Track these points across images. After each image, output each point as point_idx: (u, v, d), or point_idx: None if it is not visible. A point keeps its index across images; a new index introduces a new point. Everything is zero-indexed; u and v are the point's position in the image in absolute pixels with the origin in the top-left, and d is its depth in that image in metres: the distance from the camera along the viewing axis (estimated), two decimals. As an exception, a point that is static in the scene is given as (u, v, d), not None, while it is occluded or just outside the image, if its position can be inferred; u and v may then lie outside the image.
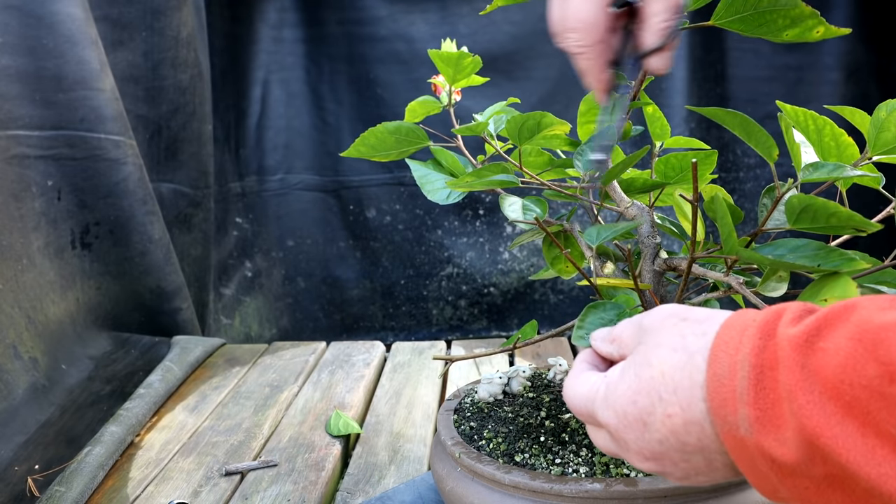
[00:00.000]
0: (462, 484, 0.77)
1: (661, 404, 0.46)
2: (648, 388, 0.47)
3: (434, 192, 0.82)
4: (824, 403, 0.38)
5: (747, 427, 0.41)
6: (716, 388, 0.43)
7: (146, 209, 1.75)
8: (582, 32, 0.63)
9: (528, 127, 0.79)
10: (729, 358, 0.43)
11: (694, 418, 0.45)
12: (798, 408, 0.39)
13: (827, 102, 0.80)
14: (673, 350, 0.47)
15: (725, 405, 0.42)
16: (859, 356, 0.37)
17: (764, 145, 0.61)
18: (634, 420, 0.48)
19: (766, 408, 0.41)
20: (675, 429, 0.46)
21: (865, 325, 0.38)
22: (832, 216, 0.59)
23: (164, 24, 1.83)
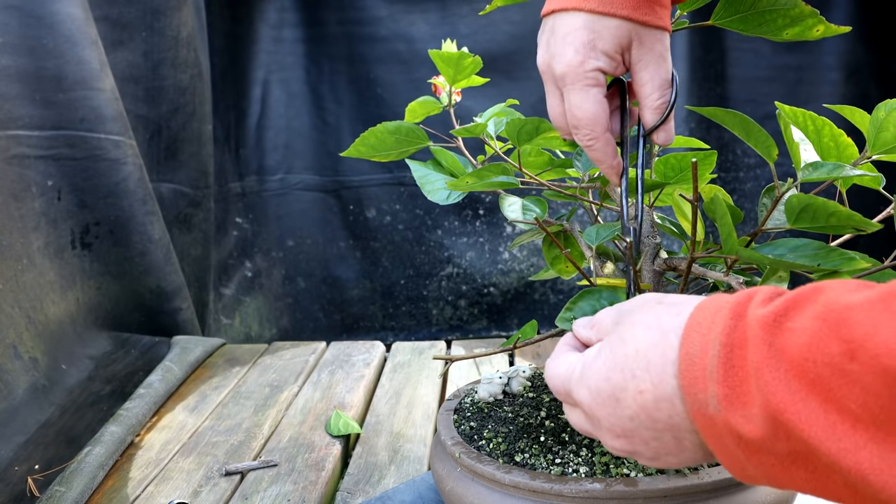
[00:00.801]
0: (462, 484, 0.77)
1: (634, 381, 0.47)
2: (622, 364, 0.48)
3: (434, 192, 0.82)
4: (789, 381, 0.39)
5: (716, 404, 0.42)
6: (687, 366, 0.44)
7: (146, 209, 1.75)
8: (588, 128, 0.66)
9: (526, 130, 0.79)
10: (701, 337, 0.44)
11: (665, 395, 0.46)
12: (764, 384, 0.40)
13: (827, 102, 0.80)
14: (647, 328, 0.48)
15: (696, 383, 0.44)
16: (823, 335, 0.38)
17: (763, 145, 0.61)
18: (607, 396, 0.49)
19: (735, 385, 0.42)
20: (646, 405, 0.47)
21: (831, 305, 0.39)
22: (832, 216, 0.59)
23: (164, 24, 1.83)
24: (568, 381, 0.53)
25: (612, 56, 0.65)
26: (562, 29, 0.67)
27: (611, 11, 0.64)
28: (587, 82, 0.65)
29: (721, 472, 0.70)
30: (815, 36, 0.69)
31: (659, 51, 0.65)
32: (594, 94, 0.65)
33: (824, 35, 0.69)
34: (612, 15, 0.64)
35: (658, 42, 0.65)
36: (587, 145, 0.67)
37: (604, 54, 0.65)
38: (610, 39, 0.64)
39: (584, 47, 0.65)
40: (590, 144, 0.67)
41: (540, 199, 0.79)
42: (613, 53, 0.65)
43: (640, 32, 0.65)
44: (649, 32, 0.65)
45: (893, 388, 0.36)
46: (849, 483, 0.38)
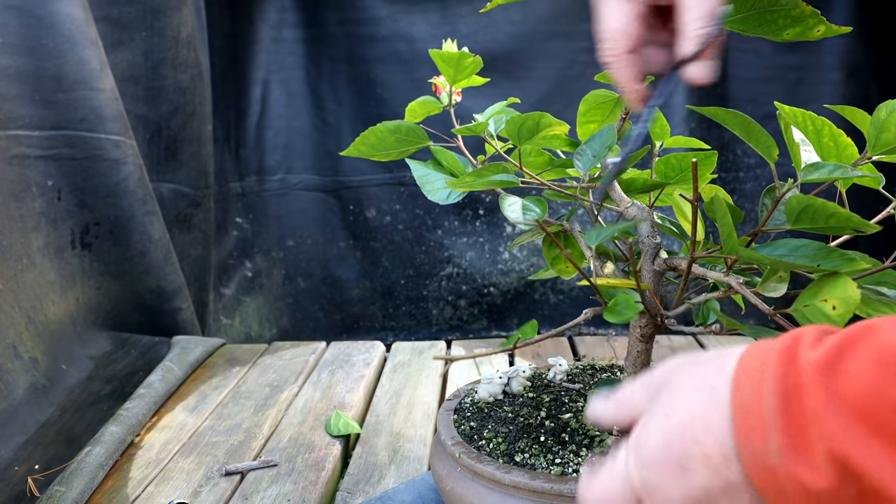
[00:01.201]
0: (462, 484, 0.77)
1: (697, 445, 0.44)
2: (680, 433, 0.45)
3: (434, 192, 0.82)
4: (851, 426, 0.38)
5: (777, 455, 0.40)
6: (742, 417, 0.42)
7: (146, 209, 1.75)
8: (612, 42, 0.63)
9: (527, 127, 0.79)
10: (752, 386, 0.42)
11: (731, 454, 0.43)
12: (827, 431, 0.38)
13: (827, 102, 0.80)
14: (696, 391, 0.45)
15: (753, 434, 0.41)
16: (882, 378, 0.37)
17: (764, 145, 0.61)
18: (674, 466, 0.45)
19: (796, 433, 0.40)
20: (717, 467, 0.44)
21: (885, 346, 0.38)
22: (831, 217, 0.59)
23: (164, 24, 1.83)
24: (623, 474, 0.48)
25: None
26: None
27: None
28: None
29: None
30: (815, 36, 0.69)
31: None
32: (621, 6, 0.62)
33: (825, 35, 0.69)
34: None
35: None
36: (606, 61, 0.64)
37: None
38: None
39: None
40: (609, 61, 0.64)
41: (540, 199, 0.79)
42: None
43: None
44: None
45: None
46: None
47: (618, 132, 0.81)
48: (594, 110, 0.86)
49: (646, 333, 0.80)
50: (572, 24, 2.19)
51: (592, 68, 2.06)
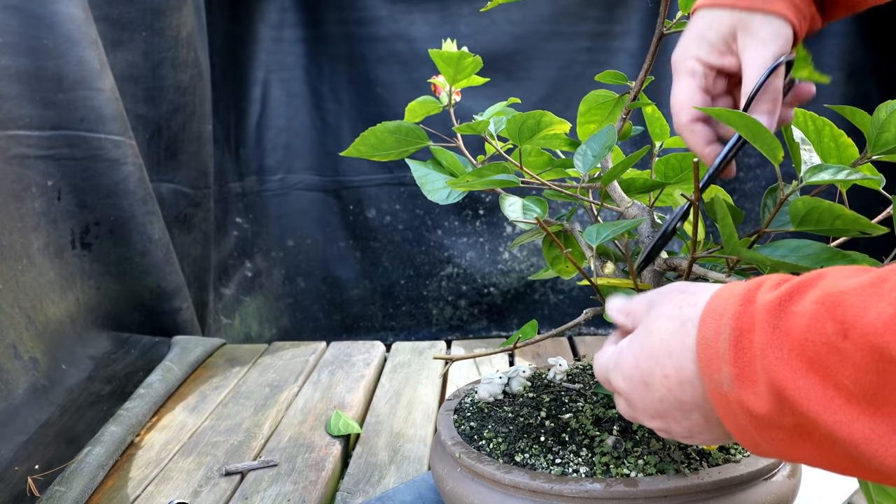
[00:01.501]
0: (462, 484, 0.77)
1: (659, 366, 0.52)
2: (648, 353, 0.53)
3: (434, 191, 0.82)
4: (791, 359, 0.42)
5: (729, 383, 0.46)
6: (703, 349, 0.48)
7: (146, 209, 1.75)
8: (675, 115, 0.68)
9: (528, 126, 0.79)
10: (714, 323, 0.48)
11: (686, 377, 0.51)
12: (768, 363, 0.43)
13: (827, 102, 0.80)
14: (669, 318, 0.53)
15: (711, 365, 0.48)
16: (820, 316, 0.41)
17: (769, 147, 0.61)
18: (638, 381, 0.54)
19: (744, 365, 0.45)
20: (672, 387, 0.52)
21: (829, 289, 0.42)
22: (837, 219, 0.59)
23: (164, 24, 1.83)
24: (607, 369, 0.59)
25: (714, 44, 0.67)
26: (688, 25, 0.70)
27: (718, 3, 0.66)
28: (683, 71, 0.68)
29: (721, 472, 0.70)
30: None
31: (763, 35, 0.65)
32: (687, 82, 0.67)
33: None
34: (720, 5, 0.66)
35: (764, 27, 0.65)
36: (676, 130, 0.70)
37: (706, 42, 0.67)
38: (714, 28, 0.67)
39: (689, 37, 0.68)
40: (678, 130, 0.69)
41: (540, 199, 0.79)
42: (717, 42, 0.67)
43: (746, 19, 0.65)
44: (755, 17, 0.65)
45: (880, 365, 0.39)
46: (848, 454, 0.42)
47: (618, 132, 0.81)
48: (594, 110, 0.86)
49: (646, 333, 0.80)
50: (572, 24, 2.19)
51: (592, 68, 2.06)
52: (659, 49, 0.80)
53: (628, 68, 2.14)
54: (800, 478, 0.76)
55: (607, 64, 2.16)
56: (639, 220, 0.75)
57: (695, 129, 0.68)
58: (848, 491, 0.95)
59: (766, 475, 0.73)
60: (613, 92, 0.85)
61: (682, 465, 0.71)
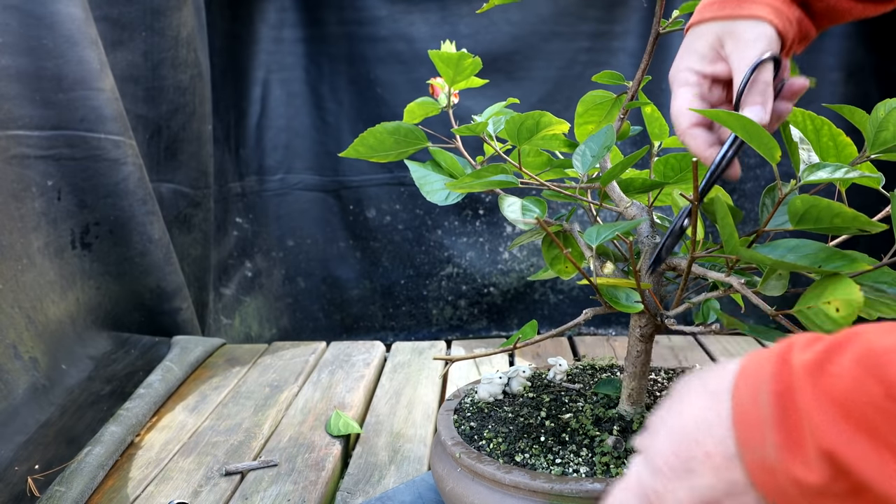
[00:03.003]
0: (462, 484, 0.77)
1: (699, 446, 0.47)
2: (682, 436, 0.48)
3: (433, 192, 0.82)
4: (837, 422, 0.40)
5: (774, 453, 0.43)
6: (740, 418, 0.44)
7: (146, 209, 1.75)
8: (675, 121, 0.71)
9: (527, 126, 0.79)
10: (750, 389, 0.44)
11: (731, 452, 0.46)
12: (815, 427, 0.41)
13: (827, 102, 0.80)
14: (698, 396, 0.48)
15: (751, 433, 0.44)
16: (863, 377, 0.40)
17: (766, 146, 0.61)
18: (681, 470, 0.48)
19: (790, 431, 0.42)
20: (718, 468, 0.46)
21: (868, 348, 0.40)
22: (836, 216, 0.59)
23: (164, 24, 1.83)
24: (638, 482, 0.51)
25: (704, 54, 0.70)
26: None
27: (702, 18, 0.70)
28: (679, 82, 0.71)
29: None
30: None
31: (748, 37, 0.68)
32: (682, 92, 0.70)
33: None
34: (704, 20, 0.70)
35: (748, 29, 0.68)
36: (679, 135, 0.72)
37: (697, 54, 0.70)
38: (702, 39, 0.70)
39: (682, 50, 0.71)
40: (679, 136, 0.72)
41: (539, 200, 0.79)
42: (706, 51, 0.70)
43: (730, 27, 0.69)
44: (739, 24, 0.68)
45: None
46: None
47: (616, 132, 0.81)
48: (592, 111, 0.86)
49: (646, 333, 0.80)
50: (572, 24, 2.19)
51: (592, 68, 2.06)
52: (656, 48, 0.80)
53: (628, 68, 2.14)
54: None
55: (607, 64, 2.16)
56: (639, 220, 0.75)
57: (695, 133, 0.70)
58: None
59: (766, 475, 0.72)
60: (611, 92, 0.85)
61: (682, 465, 0.71)
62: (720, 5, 0.69)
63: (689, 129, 0.70)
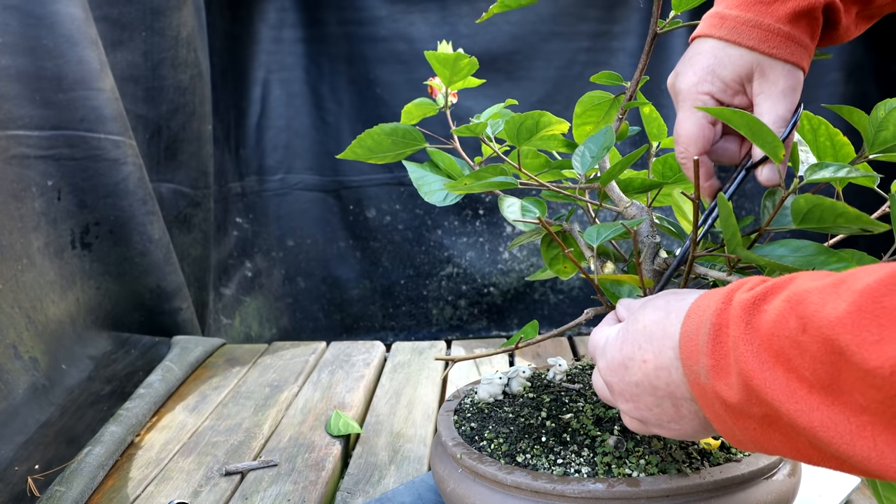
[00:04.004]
0: (463, 485, 0.77)
1: (640, 351, 0.57)
2: (632, 338, 0.58)
3: (431, 193, 0.82)
4: (760, 353, 0.46)
5: (705, 374, 0.50)
6: (685, 342, 0.52)
7: (146, 209, 1.75)
8: (682, 146, 0.69)
9: (526, 126, 0.79)
10: (697, 318, 0.52)
11: (663, 364, 0.55)
12: (739, 355, 0.47)
13: (827, 102, 0.80)
14: (655, 309, 0.57)
15: (691, 356, 0.51)
16: (786, 313, 0.45)
17: (770, 145, 0.61)
18: (618, 364, 0.59)
19: (719, 357, 0.49)
20: (648, 372, 0.56)
21: (797, 289, 0.45)
22: (839, 216, 0.59)
23: (164, 24, 1.83)
24: (595, 349, 0.64)
25: (728, 84, 0.66)
26: (692, 52, 0.68)
27: (737, 40, 0.65)
28: (695, 103, 0.67)
29: (722, 471, 0.70)
30: None
31: (782, 86, 0.65)
32: (698, 116, 0.67)
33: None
34: (738, 44, 0.65)
35: (784, 77, 0.65)
36: (679, 161, 0.70)
37: (720, 80, 0.66)
38: (731, 67, 0.66)
39: (703, 70, 0.66)
40: (682, 162, 0.70)
41: (539, 200, 0.79)
42: (731, 81, 0.66)
43: (765, 64, 0.65)
44: (775, 65, 0.65)
45: (832, 357, 0.42)
46: (811, 442, 0.45)
47: (615, 133, 0.81)
48: (590, 112, 0.86)
49: (645, 333, 0.80)
50: (572, 24, 2.19)
51: (592, 68, 2.06)
52: (654, 48, 0.79)
53: (628, 68, 2.14)
54: (800, 476, 0.76)
55: (607, 64, 2.16)
56: (639, 220, 0.75)
57: (702, 161, 0.69)
58: (846, 489, 0.95)
59: (767, 474, 0.73)
60: (609, 93, 0.85)
61: (684, 465, 0.72)
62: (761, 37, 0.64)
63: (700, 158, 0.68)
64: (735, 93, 0.67)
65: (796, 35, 0.64)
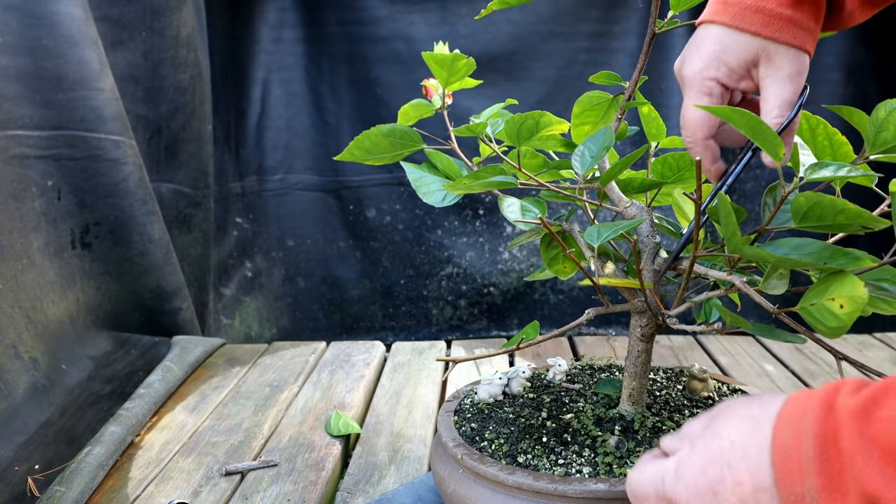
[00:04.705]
0: (464, 485, 0.77)
1: (731, 472, 0.47)
2: (718, 457, 0.48)
3: (429, 194, 0.81)
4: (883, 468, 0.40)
5: (814, 496, 0.43)
6: (782, 458, 0.45)
7: (146, 209, 1.75)
8: (689, 130, 0.68)
9: (526, 126, 0.79)
10: (793, 429, 0.45)
11: (763, 485, 0.46)
12: (858, 472, 0.41)
13: (827, 102, 0.80)
14: (741, 420, 0.49)
15: (791, 475, 0.44)
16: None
17: (771, 144, 0.61)
18: (705, 490, 0.49)
19: (832, 476, 0.42)
20: (745, 497, 0.47)
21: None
22: (840, 214, 0.59)
23: (164, 24, 1.83)
24: (661, 480, 0.53)
25: (734, 69, 0.66)
26: (698, 38, 0.68)
27: (741, 26, 0.65)
28: (702, 89, 0.67)
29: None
30: None
31: (788, 70, 0.65)
32: (704, 101, 0.67)
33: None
34: (742, 30, 0.65)
35: (789, 61, 0.65)
36: (687, 146, 0.70)
37: (726, 66, 0.66)
38: (736, 52, 0.66)
39: (709, 56, 0.67)
40: (689, 146, 0.70)
41: (538, 200, 0.79)
42: (737, 67, 0.66)
43: (770, 49, 0.65)
44: (780, 50, 0.65)
45: None
46: None
47: (614, 133, 0.81)
48: (588, 112, 0.86)
49: (646, 333, 0.80)
50: (571, 24, 2.19)
51: (592, 68, 2.06)
52: (653, 48, 0.79)
53: (628, 68, 2.14)
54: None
55: (607, 64, 2.16)
56: (639, 220, 0.75)
57: (709, 145, 0.69)
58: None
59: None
60: (608, 93, 0.85)
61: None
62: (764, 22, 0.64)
63: (705, 141, 0.68)
64: (741, 78, 0.67)
65: (799, 19, 0.64)
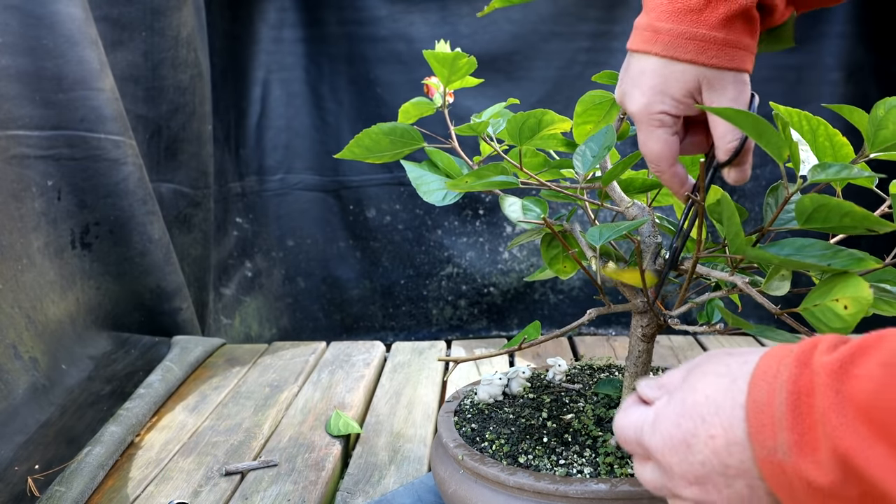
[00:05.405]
0: (465, 486, 0.76)
1: (704, 425, 0.48)
2: (692, 411, 0.49)
3: (430, 193, 0.81)
4: (857, 426, 0.40)
5: (786, 451, 0.43)
6: (755, 413, 0.45)
7: (146, 209, 1.75)
8: (654, 163, 0.69)
9: (528, 125, 0.79)
10: (768, 385, 0.45)
11: (736, 439, 0.47)
12: (832, 430, 0.41)
13: (827, 102, 0.80)
14: (717, 375, 0.49)
15: (764, 430, 0.45)
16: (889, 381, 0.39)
17: (775, 146, 0.61)
18: (679, 442, 0.50)
19: (804, 432, 0.42)
20: (718, 449, 0.48)
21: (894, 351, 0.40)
22: (845, 216, 0.59)
23: (164, 24, 1.83)
24: (640, 429, 0.54)
25: (679, 100, 0.66)
26: (634, 69, 0.68)
27: (676, 56, 0.64)
28: (653, 124, 0.67)
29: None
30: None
31: (731, 94, 0.65)
32: (659, 134, 0.67)
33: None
34: (678, 59, 0.64)
35: (731, 85, 0.65)
36: (656, 174, 0.70)
37: (671, 98, 0.66)
38: (677, 84, 0.65)
39: (651, 91, 0.66)
40: (658, 175, 0.70)
41: (539, 200, 0.79)
42: (681, 98, 0.66)
43: (709, 76, 0.64)
44: (719, 75, 0.64)
45: None
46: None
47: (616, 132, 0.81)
48: (590, 111, 0.86)
49: (647, 333, 0.80)
50: (572, 24, 2.19)
51: (592, 68, 2.06)
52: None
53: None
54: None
55: (607, 64, 2.16)
56: (641, 220, 0.75)
57: (676, 171, 0.69)
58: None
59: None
60: (610, 92, 0.85)
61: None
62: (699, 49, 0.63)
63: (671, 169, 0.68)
64: (688, 106, 0.66)
65: (733, 39, 0.64)
